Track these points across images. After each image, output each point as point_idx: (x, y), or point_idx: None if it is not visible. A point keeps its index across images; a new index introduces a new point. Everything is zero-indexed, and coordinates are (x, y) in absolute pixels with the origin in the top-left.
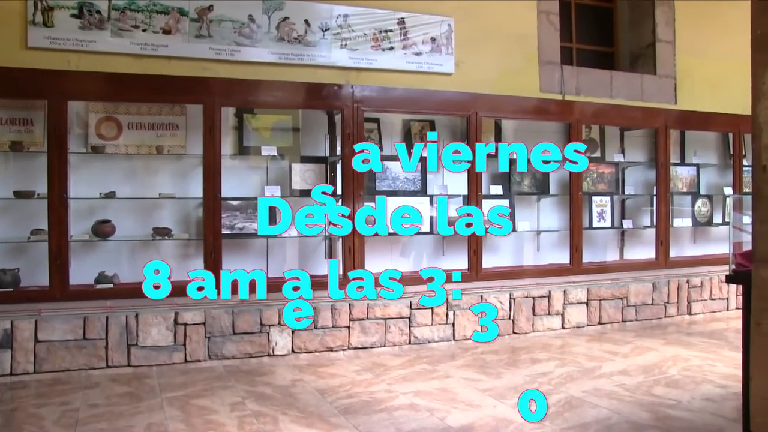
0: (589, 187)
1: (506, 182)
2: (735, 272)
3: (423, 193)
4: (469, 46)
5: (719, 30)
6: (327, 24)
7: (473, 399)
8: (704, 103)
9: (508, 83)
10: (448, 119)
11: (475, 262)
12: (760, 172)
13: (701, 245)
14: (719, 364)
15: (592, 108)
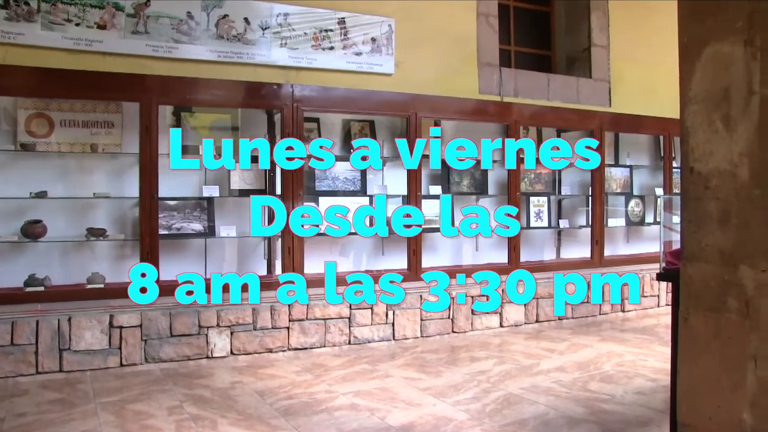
0: (527, 187)
1: (445, 182)
2: (665, 270)
3: (363, 193)
4: (410, 46)
5: (650, 36)
6: (267, 22)
7: (413, 398)
8: (637, 106)
9: (447, 84)
10: (388, 119)
11: (415, 262)
12: (688, 173)
13: (634, 244)
14: (651, 358)
15: (530, 110)
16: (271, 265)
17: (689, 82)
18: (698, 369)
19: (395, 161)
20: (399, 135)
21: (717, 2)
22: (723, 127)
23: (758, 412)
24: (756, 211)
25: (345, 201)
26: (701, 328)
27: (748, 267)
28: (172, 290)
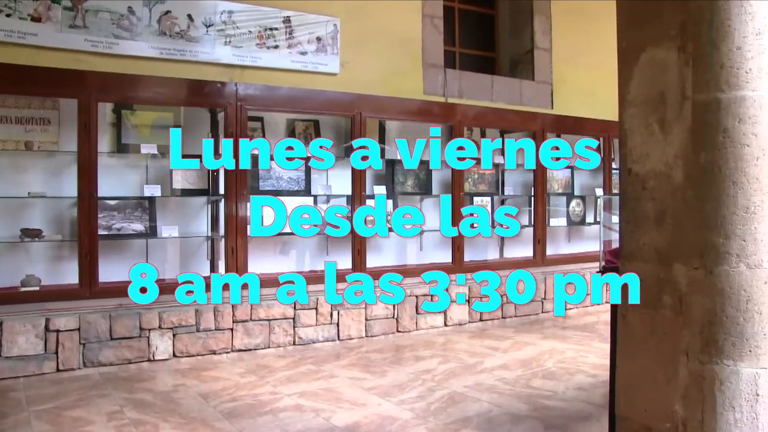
0: (470, 187)
1: (390, 182)
2: (605, 268)
3: (307, 192)
4: (355, 46)
5: (591, 40)
6: (211, 20)
7: (358, 398)
8: (578, 108)
9: (392, 85)
10: (333, 119)
11: (359, 262)
12: (626, 175)
13: (575, 243)
14: (591, 355)
15: (474, 110)
16: (214, 266)
17: (627, 85)
18: (635, 364)
19: (339, 161)
20: (344, 135)
21: (653, 10)
22: (659, 129)
23: (689, 403)
24: (689, 211)
25: (289, 201)
26: (638, 324)
27: (682, 265)
28: (113, 292)
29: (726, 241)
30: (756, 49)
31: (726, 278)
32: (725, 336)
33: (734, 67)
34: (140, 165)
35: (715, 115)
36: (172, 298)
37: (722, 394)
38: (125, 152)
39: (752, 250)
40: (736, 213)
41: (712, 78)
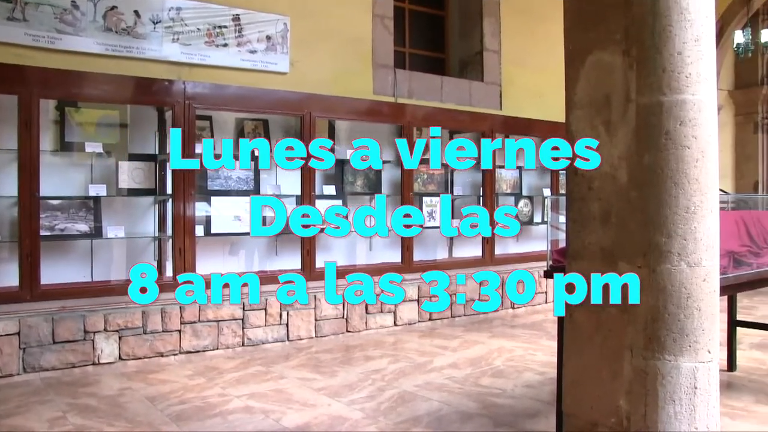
0: (420, 187)
1: (339, 182)
2: (552, 267)
3: (256, 192)
4: (305, 46)
5: (539, 43)
6: (158, 16)
7: (308, 398)
8: (526, 109)
9: (342, 84)
10: (283, 118)
11: (309, 262)
12: (573, 175)
13: (524, 243)
14: (539, 353)
15: (424, 111)
16: (161, 267)
17: (574, 88)
18: (582, 361)
19: None
20: (293, 135)
21: (599, 14)
22: (604, 131)
23: (632, 398)
24: (633, 211)
25: (238, 201)
26: (584, 322)
27: (626, 264)
28: (56, 294)
29: (668, 240)
30: (695, 54)
31: (668, 276)
32: (667, 332)
33: (675, 71)
34: (85, 164)
35: (657, 117)
36: (117, 300)
37: (663, 389)
38: (69, 150)
39: (692, 249)
40: (677, 213)
41: (654, 81)
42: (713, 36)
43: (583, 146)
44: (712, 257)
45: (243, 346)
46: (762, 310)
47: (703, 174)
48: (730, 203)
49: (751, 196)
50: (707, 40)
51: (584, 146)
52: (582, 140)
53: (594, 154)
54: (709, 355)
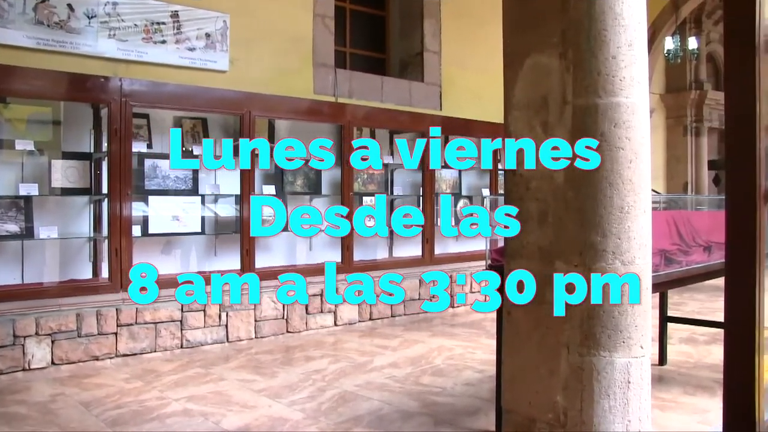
0: (360, 187)
1: (279, 182)
2: (490, 266)
3: (194, 192)
4: (245, 44)
5: (479, 45)
6: (93, 11)
7: (248, 400)
8: (466, 110)
9: (282, 83)
10: (222, 117)
11: (248, 262)
12: (511, 176)
13: (463, 243)
14: (478, 351)
15: (364, 111)
16: (97, 268)
17: (512, 89)
18: (520, 359)
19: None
20: (233, 134)
21: (537, 17)
22: (542, 132)
23: (569, 394)
24: (569, 211)
25: (176, 200)
26: (523, 320)
27: (563, 262)
28: None
29: (603, 239)
30: (629, 59)
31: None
32: (602, 329)
33: (610, 74)
34: (15, 162)
35: (593, 119)
36: (50, 303)
37: (599, 384)
38: None
39: (626, 248)
40: (612, 213)
41: (590, 84)
42: (645, 41)
43: (521, 147)
44: (645, 256)
45: (182, 348)
46: (691, 306)
47: (637, 175)
48: (662, 203)
49: (681, 196)
50: (640, 45)
51: (319, 146)
52: (520, 141)
53: (532, 154)
54: (641, 351)
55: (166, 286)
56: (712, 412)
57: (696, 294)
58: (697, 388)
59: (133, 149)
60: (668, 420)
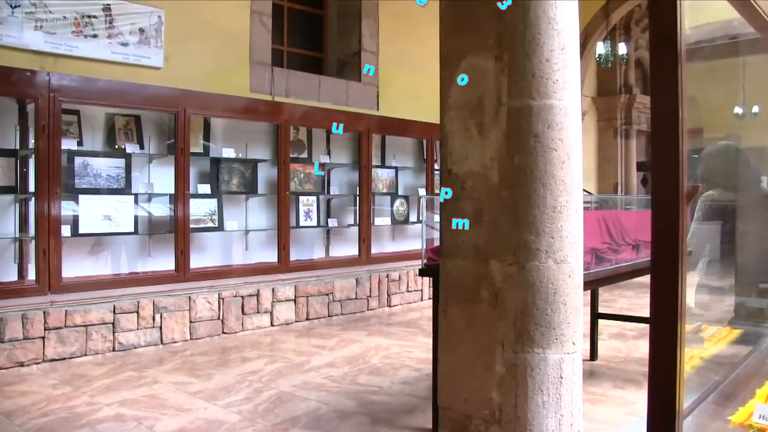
0: (296, 187)
1: (214, 181)
2: (426, 266)
3: (127, 191)
4: (180, 40)
5: (416, 45)
6: (18, 0)
7: (183, 403)
8: (402, 110)
9: (218, 81)
10: (156, 115)
11: (183, 263)
12: (447, 175)
13: (399, 242)
14: (415, 350)
15: (301, 110)
16: (23, 270)
17: (448, 90)
18: (456, 356)
19: (162, 158)
20: (167, 131)
21: (473, 20)
22: (477, 133)
23: (504, 390)
24: (504, 210)
25: (108, 199)
26: (458, 318)
27: (497, 261)
28: None
29: (536, 238)
30: (562, 62)
31: (536, 273)
32: (535, 326)
33: (543, 77)
34: None
35: (527, 120)
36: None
37: (533, 380)
38: None
39: (558, 247)
40: (545, 212)
41: (524, 86)
42: (578, 46)
43: (457, 147)
44: (576, 254)
45: (114, 352)
46: (620, 303)
47: (569, 175)
48: (593, 203)
49: (611, 196)
50: (572, 49)
51: (457, 147)
52: (455, 141)
53: (467, 154)
54: (573, 347)
55: (97, 288)
56: (639, 404)
57: (625, 291)
58: (626, 381)
59: (63, 146)
60: (598, 413)
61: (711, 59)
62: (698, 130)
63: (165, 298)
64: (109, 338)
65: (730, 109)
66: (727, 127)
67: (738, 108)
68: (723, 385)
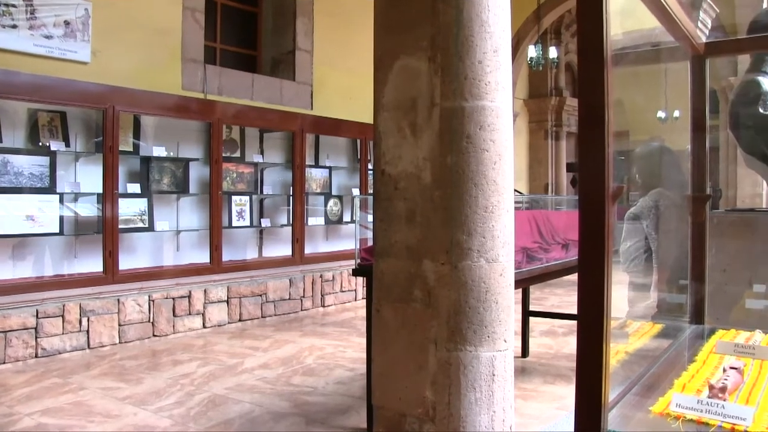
0: (229, 186)
1: (144, 180)
2: (360, 266)
3: (52, 190)
4: (109, 35)
5: (351, 45)
6: None
7: (111, 409)
8: (336, 110)
9: (149, 78)
10: (83, 111)
11: (111, 264)
12: (380, 175)
13: (333, 242)
14: (349, 349)
15: (234, 109)
16: None
17: (382, 90)
18: (389, 355)
19: (89, 156)
20: (95, 129)
21: (407, 21)
22: (410, 133)
23: (437, 388)
24: (436, 210)
25: (31, 199)
26: (391, 318)
27: (430, 261)
28: None
29: (468, 238)
30: (494, 64)
31: (468, 272)
32: (468, 324)
33: (476, 79)
34: None
35: (459, 121)
36: None
37: (465, 378)
38: None
39: (490, 246)
40: (477, 212)
41: (457, 88)
42: (510, 48)
43: (390, 147)
44: (508, 253)
45: (36, 358)
46: (551, 301)
47: (500, 176)
48: (524, 203)
49: (542, 196)
50: (504, 52)
51: (391, 147)
52: (389, 141)
53: (400, 155)
54: (505, 344)
55: (18, 291)
56: (569, 398)
57: (556, 289)
58: (556, 377)
59: None
60: (530, 408)
61: (636, 65)
62: (624, 132)
63: (92, 301)
64: (31, 344)
65: (654, 113)
66: (651, 130)
67: (661, 112)
68: (645, 378)
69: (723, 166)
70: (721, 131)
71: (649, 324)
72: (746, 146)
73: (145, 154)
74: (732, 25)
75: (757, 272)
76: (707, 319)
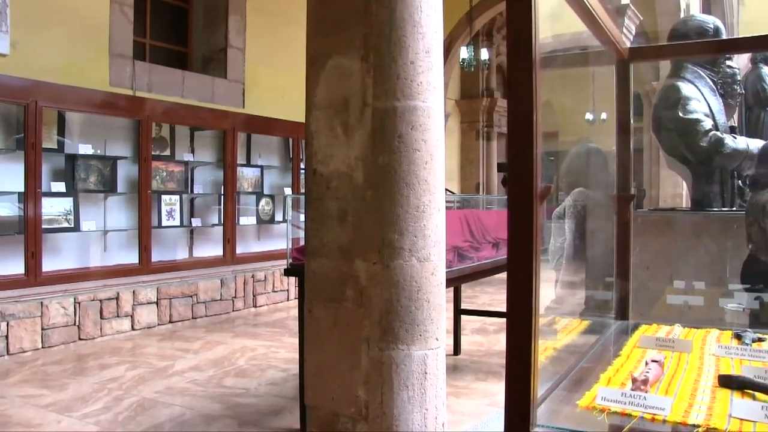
0: (158, 185)
1: (70, 179)
2: (292, 266)
3: None
4: (30, 26)
5: (284, 44)
6: None
7: (32, 418)
8: (269, 109)
9: (75, 73)
10: (3, 106)
11: (34, 266)
12: (312, 175)
13: (265, 241)
14: (282, 350)
15: (164, 106)
16: None
17: (314, 90)
18: (322, 355)
19: (9, 153)
20: (15, 125)
21: (340, 21)
22: (342, 133)
23: (370, 387)
24: (369, 210)
25: None
26: (323, 317)
27: (362, 260)
28: None
29: (400, 237)
30: (426, 64)
31: (400, 271)
32: (400, 323)
33: (408, 79)
34: None
35: (392, 121)
36: None
37: (398, 376)
38: None
39: (422, 245)
40: (408, 211)
41: (390, 88)
42: (441, 49)
43: (322, 147)
44: (439, 252)
45: None
46: (482, 299)
47: (432, 175)
48: (456, 203)
49: (473, 196)
50: (436, 53)
51: (323, 147)
52: (321, 141)
53: (332, 154)
54: (437, 342)
55: None
56: (500, 395)
57: (487, 287)
58: (488, 374)
59: None
60: (462, 405)
61: (565, 67)
62: (553, 133)
63: (12, 305)
64: None
65: (582, 115)
66: (580, 132)
67: (589, 114)
68: (573, 373)
69: (647, 167)
70: (644, 133)
71: (577, 320)
72: (668, 148)
73: (70, 151)
74: (654, 32)
75: (678, 269)
76: (632, 315)
